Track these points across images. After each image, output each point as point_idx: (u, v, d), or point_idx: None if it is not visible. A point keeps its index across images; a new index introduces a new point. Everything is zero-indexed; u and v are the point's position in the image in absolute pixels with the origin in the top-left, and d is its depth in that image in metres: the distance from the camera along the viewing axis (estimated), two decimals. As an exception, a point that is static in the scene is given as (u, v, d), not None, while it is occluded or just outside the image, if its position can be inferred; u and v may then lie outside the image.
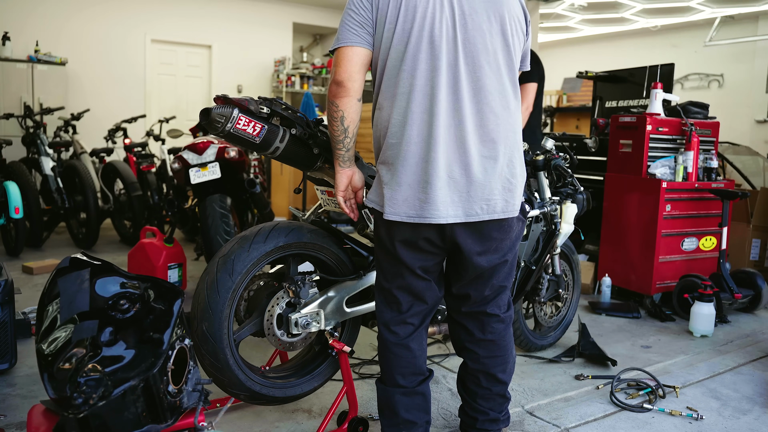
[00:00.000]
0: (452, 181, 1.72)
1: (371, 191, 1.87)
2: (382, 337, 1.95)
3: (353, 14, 1.78)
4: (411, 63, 1.73)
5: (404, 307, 1.92)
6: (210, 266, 2.02)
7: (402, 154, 1.74)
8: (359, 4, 1.78)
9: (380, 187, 1.81)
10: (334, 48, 1.80)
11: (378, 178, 1.83)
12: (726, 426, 2.37)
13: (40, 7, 7.59)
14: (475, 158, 1.73)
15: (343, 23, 1.80)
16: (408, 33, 1.73)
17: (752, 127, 7.99)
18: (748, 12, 7.59)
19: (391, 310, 1.93)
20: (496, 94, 1.75)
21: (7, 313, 2.59)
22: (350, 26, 1.78)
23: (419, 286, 1.88)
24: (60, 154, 5.67)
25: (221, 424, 2.20)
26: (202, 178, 3.59)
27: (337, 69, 1.78)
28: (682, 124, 3.99)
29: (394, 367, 1.93)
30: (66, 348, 1.63)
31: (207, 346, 1.97)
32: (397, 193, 1.75)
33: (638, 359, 3.04)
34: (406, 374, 1.93)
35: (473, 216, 1.74)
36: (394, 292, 1.90)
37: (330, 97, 1.81)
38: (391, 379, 1.94)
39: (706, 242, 4.06)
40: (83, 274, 1.79)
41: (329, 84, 1.80)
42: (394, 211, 1.76)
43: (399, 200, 1.75)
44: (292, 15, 9.62)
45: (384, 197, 1.78)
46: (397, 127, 1.76)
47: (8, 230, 4.89)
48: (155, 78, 8.61)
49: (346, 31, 1.78)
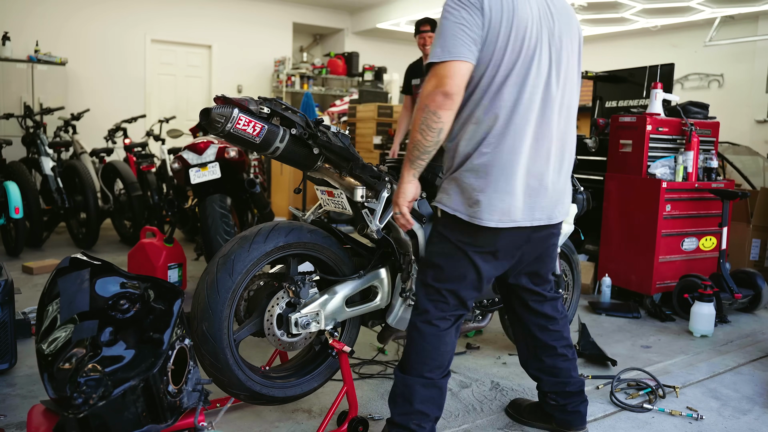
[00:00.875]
0: (542, 189, 1.90)
1: (448, 199, 1.90)
2: (418, 328, 1.97)
3: (467, 30, 1.78)
4: (517, 80, 1.83)
5: (450, 307, 1.98)
6: (210, 266, 2.02)
7: (500, 164, 1.84)
8: (472, 21, 1.79)
9: (467, 195, 1.86)
10: (444, 60, 1.77)
11: (461, 186, 1.87)
12: (726, 426, 2.37)
13: (40, 7, 7.59)
14: (557, 169, 1.95)
15: (453, 36, 1.78)
16: (518, 52, 1.82)
17: (752, 127, 7.99)
18: (748, 12, 7.58)
19: (436, 307, 1.97)
20: (574, 111, 2.00)
21: (7, 313, 2.59)
22: (464, 41, 1.78)
23: (472, 295, 1.99)
24: (60, 154, 5.67)
25: (221, 424, 2.20)
26: (202, 178, 3.59)
27: (448, 81, 1.77)
28: (682, 124, 3.99)
29: (424, 358, 1.96)
30: (66, 348, 1.63)
31: (207, 346, 1.97)
32: (493, 200, 1.84)
33: (638, 359, 3.04)
34: (432, 367, 1.97)
35: (553, 219, 1.96)
36: (444, 293, 1.96)
37: (433, 107, 1.78)
38: (414, 369, 1.97)
39: (706, 242, 4.06)
40: (83, 274, 1.79)
41: (430, 94, 1.77)
42: (492, 218, 1.84)
43: (496, 207, 1.84)
44: (292, 15, 9.63)
45: (479, 204, 1.84)
46: (497, 138, 1.84)
47: (8, 230, 4.89)
48: (155, 78, 8.61)
49: (460, 46, 1.78)
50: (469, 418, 2.35)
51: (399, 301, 2.34)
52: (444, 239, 1.95)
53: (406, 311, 2.35)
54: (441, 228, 1.96)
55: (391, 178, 2.29)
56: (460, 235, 1.91)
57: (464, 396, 2.54)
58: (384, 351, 2.99)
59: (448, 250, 1.94)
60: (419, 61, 4.81)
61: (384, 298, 2.34)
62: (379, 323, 2.41)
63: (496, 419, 2.35)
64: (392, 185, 2.27)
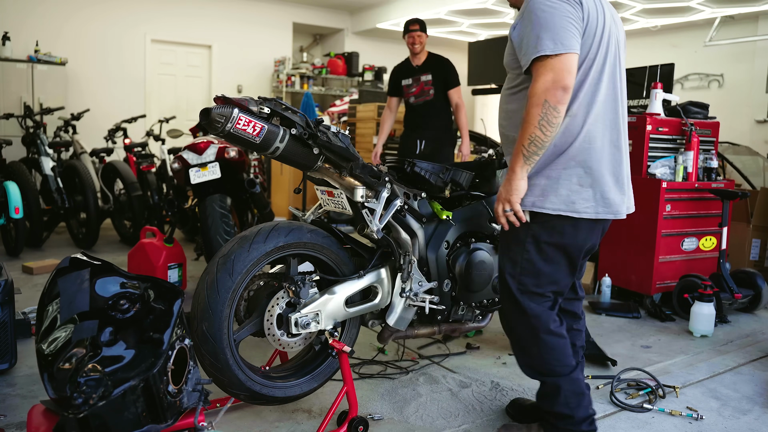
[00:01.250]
0: (626, 180, 2.00)
1: (542, 199, 1.88)
2: (542, 341, 1.98)
3: (574, 22, 1.79)
4: (609, 74, 1.91)
5: (554, 302, 2.02)
6: (210, 266, 2.02)
7: (598, 157, 1.89)
8: (576, 14, 1.80)
9: (568, 190, 1.87)
10: (559, 52, 1.75)
11: (560, 182, 1.87)
12: (726, 426, 2.37)
13: (40, 7, 7.59)
14: (628, 161, 2.03)
15: (563, 28, 1.76)
16: (605, 49, 1.89)
17: (752, 127, 7.99)
18: (748, 12, 7.59)
19: (544, 308, 1.99)
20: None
21: (7, 313, 2.59)
22: (574, 33, 1.78)
23: (569, 282, 2.04)
24: (60, 154, 5.67)
25: (221, 424, 2.20)
26: (202, 178, 3.59)
27: (567, 75, 1.75)
28: (682, 124, 3.99)
29: (566, 355, 2.02)
30: (66, 348, 1.63)
31: (207, 346, 1.97)
32: (596, 193, 1.89)
33: (638, 359, 3.04)
34: (568, 353, 2.04)
35: (631, 209, 2.06)
36: (548, 293, 2.00)
37: (553, 102, 1.75)
38: (568, 366, 2.02)
39: (706, 242, 4.06)
40: (83, 274, 1.79)
41: (549, 89, 1.75)
42: (597, 210, 1.90)
43: (599, 199, 1.90)
44: (292, 15, 9.63)
45: (582, 197, 1.88)
46: (594, 133, 1.88)
47: (8, 230, 4.89)
48: (155, 78, 8.61)
49: (571, 38, 1.77)
50: (469, 418, 2.35)
51: (399, 301, 2.34)
52: (539, 241, 1.94)
53: (406, 311, 2.36)
54: (536, 229, 1.93)
55: (391, 178, 2.29)
56: (556, 232, 1.91)
57: (464, 396, 2.54)
58: (384, 351, 2.99)
59: (547, 252, 1.94)
60: (406, 62, 4.81)
61: (384, 298, 2.35)
62: (379, 323, 2.41)
63: (496, 419, 2.35)
64: (392, 185, 2.27)
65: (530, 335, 2.00)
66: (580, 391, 2.03)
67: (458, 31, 10.16)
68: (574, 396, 2.02)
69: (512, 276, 1.99)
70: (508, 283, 2.00)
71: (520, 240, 1.97)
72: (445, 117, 4.69)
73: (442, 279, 2.47)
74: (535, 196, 1.89)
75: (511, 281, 2.00)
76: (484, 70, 7.22)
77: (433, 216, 2.47)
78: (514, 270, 1.99)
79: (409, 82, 4.74)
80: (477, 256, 2.52)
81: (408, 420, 2.31)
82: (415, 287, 2.33)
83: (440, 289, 2.47)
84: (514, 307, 2.00)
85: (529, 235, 1.94)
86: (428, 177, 2.44)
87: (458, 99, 4.62)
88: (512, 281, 1.99)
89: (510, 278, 2.00)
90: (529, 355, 2.05)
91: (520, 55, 1.87)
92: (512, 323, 2.05)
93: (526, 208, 1.90)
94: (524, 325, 2.00)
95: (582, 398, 2.04)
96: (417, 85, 4.69)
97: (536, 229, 1.93)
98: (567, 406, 2.01)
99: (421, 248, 2.40)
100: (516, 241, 1.98)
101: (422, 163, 2.45)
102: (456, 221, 2.51)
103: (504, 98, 2.07)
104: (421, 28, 4.63)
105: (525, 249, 1.96)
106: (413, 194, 2.40)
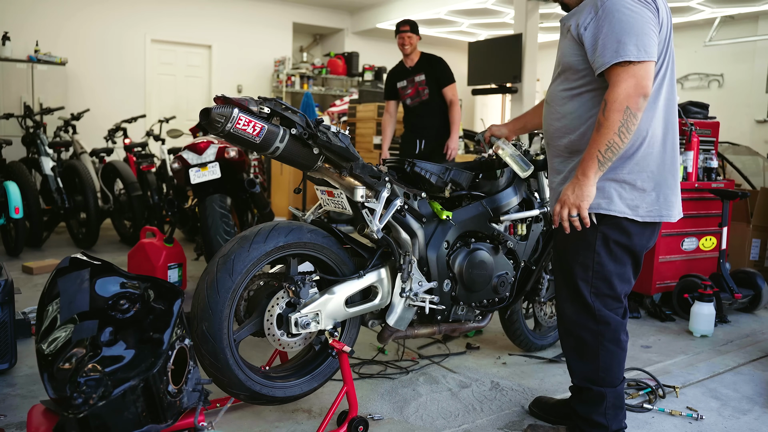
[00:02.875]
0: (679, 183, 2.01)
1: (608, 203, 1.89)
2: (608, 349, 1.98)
3: (654, 29, 1.78)
4: (669, 80, 1.92)
5: (623, 305, 2.02)
6: (210, 266, 2.03)
7: (664, 160, 1.91)
8: (655, 20, 1.79)
9: (635, 193, 1.89)
10: (642, 60, 1.73)
11: (626, 186, 1.88)
12: (726, 426, 2.37)
13: (40, 7, 7.59)
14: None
15: (646, 34, 1.75)
16: (671, 55, 1.92)
17: (752, 127, 7.99)
18: (748, 12, 7.59)
19: (614, 312, 1.99)
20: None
21: (7, 313, 2.59)
22: (655, 40, 1.78)
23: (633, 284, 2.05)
24: (60, 154, 5.67)
25: (221, 424, 2.20)
26: (202, 178, 3.59)
27: (648, 84, 1.75)
28: (682, 124, 3.99)
29: (622, 364, 2.02)
30: (66, 348, 1.63)
31: (207, 346, 1.97)
32: (665, 196, 1.91)
33: (638, 359, 3.04)
34: (623, 366, 2.05)
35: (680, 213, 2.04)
36: (622, 297, 2.00)
37: (634, 109, 1.74)
38: (618, 378, 2.02)
39: (706, 242, 4.06)
40: (83, 274, 1.79)
41: (631, 96, 1.73)
42: (660, 214, 1.91)
43: (666, 202, 1.91)
44: (292, 15, 9.63)
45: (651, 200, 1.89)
46: (657, 136, 1.89)
47: (8, 230, 4.89)
48: (155, 78, 8.61)
49: (653, 45, 1.77)
50: (469, 418, 2.35)
51: (399, 301, 2.34)
52: (610, 242, 1.93)
53: (405, 311, 2.36)
54: (606, 231, 1.92)
55: (391, 178, 2.29)
56: (624, 233, 1.92)
57: (464, 396, 2.54)
58: (384, 351, 2.99)
59: (617, 254, 1.94)
60: (399, 64, 4.82)
61: (384, 298, 2.34)
62: (379, 323, 2.41)
63: (496, 419, 2.35)
64: (392, 185, 2.27)
65: (594, 342, 1.99)
66: (620, 404, 2.04)
67: (458, 31, 10.17)
68: (614, 409, 2.02)
69: (585, 281, 1.97)
70: (580, 288, 1.98)
71: (589, 243, 1.94)
72: (443, 116, 4.70)
73: (442, 279, 2.47)
74: (601, 198, 1.89)
75: (583, 286, 1.98)
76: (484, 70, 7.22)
77: (433, 216, 2.47)
78: (587, 274, 1.97)
79: (404, 84, 4.75)
80: (477, 256, 2.52)
81: (408, 420, 2.31)
82: (415, 287, 2.33)
83: (440, 289, 2.46)
84: (584, 311, 1.99)
85: (598, 237, 1.93)
86: (428, 177, 2.44)
87: (452, 96, 4.64)
88: (585, 285, 1.98)
89: (582, 283, 1.98)
90: (586, 362, 2.03)
91: (593, 56, 1.81)
92: (576, 328, 2.02)
93: (592, 210, 1.89)
94: (590, 330, 1.99)
95: (620, 412, 2.04)
96: (412, 86, 4.70)
97: (606, 230, 1.93)
98: (604, 417, 2.01)
99: (421, 248, 2.40)
100: (585, 246, 1.96)
101: (422, 162, 2.45)
102: (456, 221, 2.51)
103: (557, 99, 2.00)
104: (412, 29, 4.63)
105: (596, 252, 1.94)
106: (413, 194, 2.40)
